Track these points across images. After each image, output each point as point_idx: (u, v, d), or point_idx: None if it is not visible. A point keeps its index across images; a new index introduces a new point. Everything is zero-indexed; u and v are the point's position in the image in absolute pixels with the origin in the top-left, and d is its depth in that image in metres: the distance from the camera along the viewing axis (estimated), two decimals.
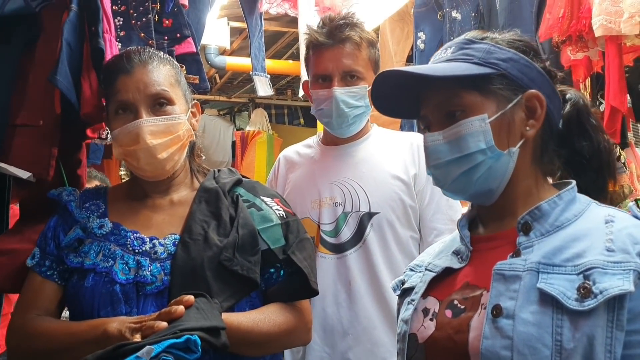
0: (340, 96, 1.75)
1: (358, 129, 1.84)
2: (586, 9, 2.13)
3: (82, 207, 1.38)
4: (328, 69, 1.77)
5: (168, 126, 1.32)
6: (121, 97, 1.32)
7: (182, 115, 1.35)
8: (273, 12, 2.79)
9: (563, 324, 0.88)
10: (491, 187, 1.02)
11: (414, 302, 1.08)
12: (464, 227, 1.09)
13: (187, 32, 1.86)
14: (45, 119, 1.48)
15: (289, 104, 7.94)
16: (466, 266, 1.05)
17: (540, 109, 1.02)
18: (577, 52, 2.25)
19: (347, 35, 1.76)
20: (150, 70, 1.34)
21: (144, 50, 1.39)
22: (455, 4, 3.02)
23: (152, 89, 1.32)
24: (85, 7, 1.47)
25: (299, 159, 1.95)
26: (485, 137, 0.99)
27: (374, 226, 1.75)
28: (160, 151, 1.31)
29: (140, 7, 1.76)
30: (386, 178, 1.79)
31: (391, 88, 1.08)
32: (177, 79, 1.39)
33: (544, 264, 0.93)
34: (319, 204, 1.80)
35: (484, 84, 1.01)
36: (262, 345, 1.29)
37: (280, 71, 5.96)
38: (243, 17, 3.69)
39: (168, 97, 1.34)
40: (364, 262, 1.75)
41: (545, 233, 0.97)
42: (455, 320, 0.99)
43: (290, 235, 1.38)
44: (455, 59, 1.04)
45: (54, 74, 1.37)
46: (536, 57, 1.05)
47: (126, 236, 1.32)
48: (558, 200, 0.99)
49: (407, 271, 1.19)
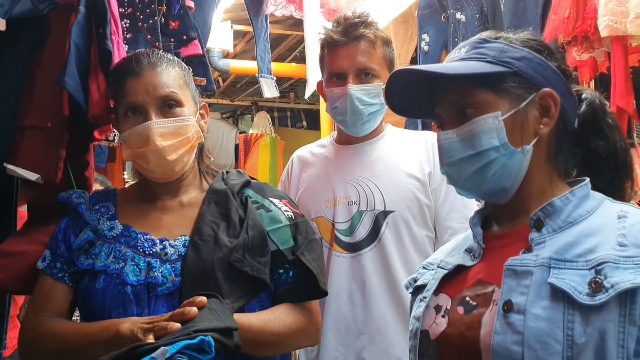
0: (354, 93, 1.75)
1: (372, 127, 1.83)
2: (592, 10, 2.13)
3: (92, 210, 1.38)
4: (343, 66, 1.77)
5: (177, 128, 1.33)
6: (130, 99, 1.33)
7: (191, 117, 1.36)
8: (278, 14, 2.79)
9: (574, 319, 0.88)
10: (505, 185, 1.02)
11: (425, 299, 1.09)
12: (476, 225, 1.09)
13: (193, 34, 1.87)
14: (53, 121, 1.49)
15: (291, 106, 7.95)
16: (478, 263, 1.05)
17: (554, 107, 1.02)
18: (583, 53, 2.25)
19: (361, 33, 1.76)
20: (159, 72, 1.34)
21: (152, 52, 1.40)
22: (459, 6, 3.02)
23: (161, 91, 1.32)
24: (93, 9, 1.48)
25: (313, 158, 1.94)
26: (498, 135, 1.00)
27: (389, 225, 1.74)
28: (170, 153, 1.32)
29: (147, 10, 1.76)
30: (401, 176, 1.78)
31: (405, 87, 1.08)
32: (185, 81, 1.40)
33: (556, 259, 0.93)
34: (333, 203, 1.79)
35: (498, 83, 1.01)
36: (273, 345, 1.28)
37: (283, 74, 5.96)
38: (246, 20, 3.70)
39: (177, 99, 1.34)
40: (379, 261, 1.74)
41: (558, 229, 0.97)
42: (467, 317, 0.99)
43: (299, 236, 1.38)
44: (469, 57, 1.04)
45: (62, 76, 1.37)
46: (550, 56, 1.05)
47: (137, 238, 1.32)
48: (571, 197, 1.00)
49: (419, 269, 1.19)
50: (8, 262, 1.49)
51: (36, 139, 1.49)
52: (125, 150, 1.36)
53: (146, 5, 1.75)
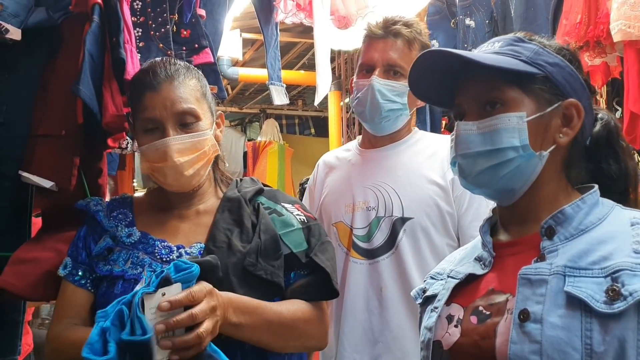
0: (377, 85, 1.73)
1: (392, 127, 1.80)
2: (604, 14, 2.13)
3: (110, 217, 1.39)
4: (373, 58, 1.76)
5: (195, 143, 1.33)
6: (148, 114, 1.33)
7: (208, 131, 1.36)
8: (289, 21, 2.79)
9: (592, 327, 0.87)
10: (514, 187, 1.02)
11: (437, 309, 1.08)
12: (486, 233, 1.08)
13: (205, 42, 1.88)
14: (67, 129, 1.50)
15: (300, 114, 7.98)
16: (489, 272, 1.04)
17: (578, 118, 1.01)
18: (595, 58, 2.25)
19: (399, 30, 1.75)
20: (177, 86, 1.34)
21: (170, 63, 1.39)
22: (469, 12, 3.03)
23: (179, 106, 1.32)
24: (107, 18, 1.49)
25: (337, 162, 1.93)
26: (520, 135, 0.99)
27: (407, 232, 1.71)
28: (187, 168, 1.33)
29: (159, 18, 1.77)
30: (422, 182, 1.75)
31: (428, 72, 1.07)
32: (203, 92, 1.39)
33: (570, 268, 0.92)
34: (352, 208, 1.78)
35: (527, 83, 1.00)
36: (278, 333, 1.26)
37: (291, 81, 5.99)
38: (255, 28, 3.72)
39: (195, 114, 1.34)
40: (396, 269, 1.71)
41: (570, 237, 0.96)
42: (481, 326, 0.98)
43: (312, 238, 1.38)
44: (504, 52, 1.03)
45: (77, 84, 1.38)
46: (579, 70, 1.05)
47: (154, 245, 1.33)
48: (581, 204, 0.99)
49: (427, 279, 1.18)
50: (22, 268, 1.50)
51: (50, 147, 1.51)
52: (144, 163, 1.37)
53: (158, 14, 1.76)
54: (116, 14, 1.48)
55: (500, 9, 2.90)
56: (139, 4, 1.73)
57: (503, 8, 2.88)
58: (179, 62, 1.41)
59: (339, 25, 2.86)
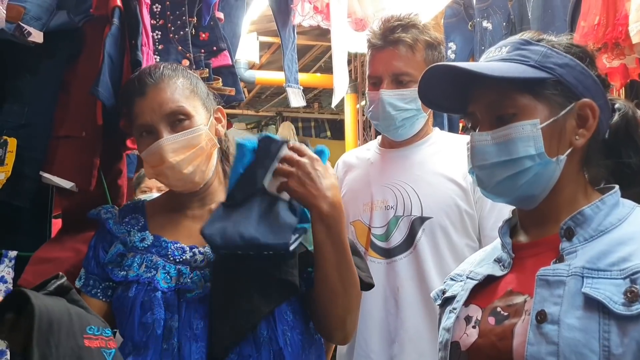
0: (387, 98, 1.73)
1: (410, 132, 1.80)
2: (622, 16, 2.11)
3: (122, 222, 1.40)
4: (378, 71, 1.76)
5: (189, 140, 1.33)
6: (140, 121, 1.35)
7: (202, 126, 1.36)
8: (306, 24, 2.81)
9: (610, 329, 0.86)
10: (534, 193, 1.01)
11: (455, 310, 1.08)
12: (505, 235, 1.08)
13: (223, 45, 1.89)
14: (87, 131, 1.52)
15: (316, 116, 7.99)
16: (508, 273, 1.04)
17: (593, 119, 1.00)
18: (613, 60, 2.23)
19: (398, 37, 1.73)
20: (163, 88, 1.34)
21: (154, 67, 1.40)
22: (486, 14, 3.02)
23: (166, 107, 1.33)
24: (126, 21, 1.51)
25: (357, 162, 1.93)
26: (535, 143, 0.98)
27: (426, 231, 1.71)
28: (185, 166, 1.33)
29: (178, 21, 1.79)
30: (441, 182, 1.74)
31: (439, 81, 1.07)
32: (192, 89, 1.39)
33: (589, 269, 0.91)
34: (370, 207, 1.78)
35: (539, 88, 0.99)
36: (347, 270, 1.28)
37: (307, 84, 6.00)
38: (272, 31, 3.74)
39: (185, 112, 1.34)
40: (414, 268, 1.71)
41: (589, 238, 0.96)
42: (499, 327, 0.98)
43: None
44: (511, 59, 1.02)
45: (96, 86, 1.40)
46: (591, 65, 1.03)
47: (167, 247, 1.34)
48: (601, 205, 0.98)
49: (447, 280, 1.18)
50: (42, 268, 1.52)
51: (71, 148, 1.53)
52: (147, 169, 1.39)
53: (177, 17, 1.77)
54: (135, 17, 1.50)
55: (518, 11, 2.89)
56: (159, 7, 1.75)
57: (520, 10, 2.87)
58: (163, 65, 1.41)
59: (356, 28, 2.86)
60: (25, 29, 1.42)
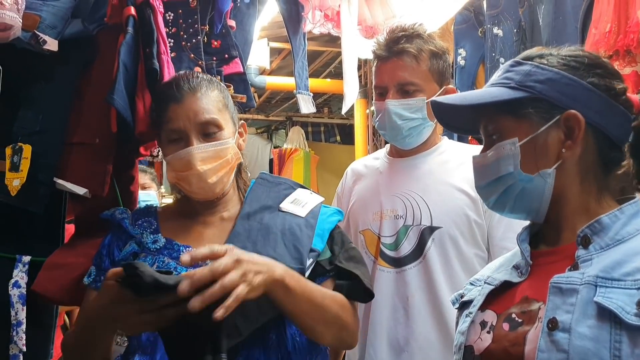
0: (393, 108, 1.74)
1: (417, 141, 1.81)
2: (634, 23, 2.10)
3: (135, 224, 1.42)
4: (383, 81, 1.77)
5: (217, 151, 1.36)
6: (172, 125, 1.37)
7: (230, 140, 1.39)
8: (316, 32, 2.82)
9: (622, 339, 0.86)
10: (532, 207, 1.04)
11: (471, 314, 1.08)
12: (523, 242, 1.08)
13: (234, 52, 1.91)
14: (101, 137, 1.54)
15: (325, 121, 8.01)
16: (525, 280, 1.04)
17: (578, 129, 1.00)
18: (625, 67, 2.22)
19: (402, 47, 1.74)
20: (199, 97, 1.37)
21: (192, 76, 1.43)
22: (496, 21, 3.01)
23: (201, 117, 1.36)
24: (140, 29, 1.52)
25: (366, 170, 1.94)
26: (514, 161, 1.01)
27: (436, 241, 1.71)
28: (211, 176, 1.36)
29: (190, 29, 1.80)
30: (451, 192, 1.74)
31: (449, 108, 1.12)
32: (225, 102, 1.42)
33: (602, 278, 0.91)
34: (380, 216, 1.78)
35: (518, 108, 1.02)
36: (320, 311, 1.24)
37: (317, 89, 6.02)
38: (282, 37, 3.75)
39: (217, 124, 1.37)
40: (424, 278, 1.70)
41: (605, 247, 0.95)
42: (512, 333, 0.98)
43: (335, 246, 1.39)
44: (497, 83, 1.06)
45: (111, 94, 1.42)
46: (588, 72, 1.02)
47: (179, 250, 1.35)
48: (619, 214, 0.98)
49: (467, 285, 1.19)
50: (55, 273, 1.54)
51: (84, 155, 1.54)
52: (170, 173, 1.40)
53: (189, 25, 1.79)
54: (150, 25, 1.52)
55: (529, 18, 2.89)
56: (171, 15, 1.76)
57: (531, 17, 2.87)
58: (201, 75, 1.44)
59: (366, 35, 2.87)
60: (40, 37, 1.44)
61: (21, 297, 1.57)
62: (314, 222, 1.37)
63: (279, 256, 1.26)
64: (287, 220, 1.36)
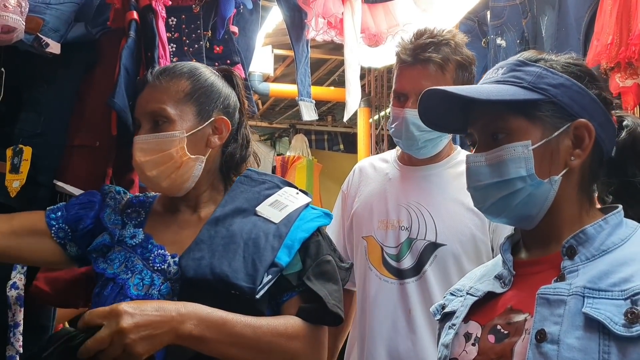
0: (411, 118, 1.66)
1: (431, 152, 1.75)
2: (636, 36, 2.10)
3: (124, 212, 1.38)
4: (405, 88, 1.70)
5: (158, 143, 1.30)
6: (135, 112, 1.36)
7: (177, 132, 1.30)
8: (319, 39, 2.82)
9: (610, 350, 0.85)
10: (530, 213, 1.01)
11: (454, 326, 1.07)
12: (506, 251, 1.07)
13: (237, 58, 1.92)
14: (101, 140, 1.55)
15: (329, 129, 8.01)
16: (509, 291, 1.03)
17: (588, 139, 0.99)
18: (627, 79, 2.22)
19: (428, 56, 1.66)
20: (156, 87, 1.33)
21: (166, 67, 1.39)
22: (500, 31, 3.02)
23: (149, 106, 1.32)
24: (143, 34, 1.53)
25: (374, 172, 1.88)
26: (526, 164, 0.98)
27: (437, 258, 1.67)
28: (150, 169, 1.30)
29: (193, 35, 1.82)
30: (459, 210, 1.68)
31: (437, 103, 1.07)
32: (189, 93, 1.33)
33: (590, 289, 0.90)
34: (385, 225, 1.74)
35: (532, 110, 0.99)
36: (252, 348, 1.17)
37: (321, 97, 6.02)
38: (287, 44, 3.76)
39: (165, 115, 1.30)
40: (423, 293, 1.67)
41: (591, 257, 0.95)
42: (499, 346, 0.97)
43: (308, 259, 1.27)
44: (505, 80, 1.02)
45: (112, 97, 1.42)
46: (591, 83, 1.02)
47: (152, 250, 1.30)
48: (604, 224, 0.97)
49: (447, 295, 1.17)
50: (54, 275, 1.55)
51: (84, 157, 1.56)
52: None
53: (192, 31, 1.80)
54: (152, 30, 1.53)
55: (532, 28, 2.89)
56: (174, 20, 1.78)
57: (534, 28, 2.87)
58: (178, 65, 1.38)
59: (369, 43, 2.87)
60: (43, 40, 1.45)
61: (19, 299, 1.58)
62: (284, 231, 1.27)
63: (233, 272, 1.19)
64: (257, 228, 1.27)
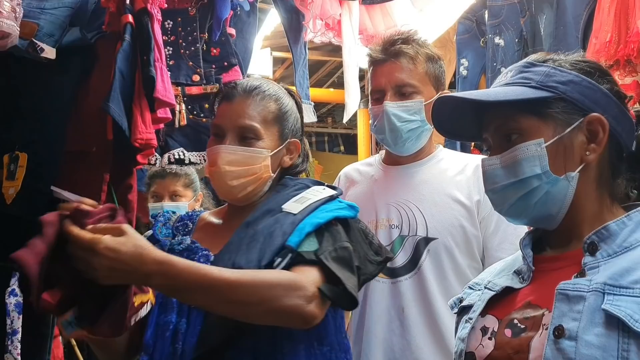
0: (391, 110, 1.69)
1: (416, 146, 1.76)
2: (634, 33, 2.09)
3: (174, 226, 1.43)
4: (381, 83, 1.73)
5: (246, 157, 1.36)
6: (217, 121, 1.40)
7: (265, 151, 1.37)
8: (317, 41, 2.82)
9: (630, 348, 0.84)
10: (551, 212, 1.00)
11: (471, 320, 1.06)
12: (526, 247, 1.06)
13: (234, 60, 1.91)
14: (97, 146, 1.54)
15: (329, 131, 8.01)
16: (527, 286, 1.02)
17: (603, 133, 0.98)
18: (626, 77, 2.20)
19: (399, 49, 1.71)
20: (249, 103, 1.38)
21: (255, 81, 1.43)
22: (498, 31, 3.01)
23: (240, 120, 1.36)
24: (138, 37, 1.52)
25: (359, 177, 1.89)
26: (540, 162, 0.97)
27: (431, 252, 1.67)
28: (231, 178, 1.35)
29: (189, 37, 1.81)
30: (447, 202, 1.70)
31: (452, 110, 1.07)
32: (276, 116, 1.40)
33: (610, 285, 0.89)
34: (375, 225, 1.74)
35: (542, 108, 0.99)
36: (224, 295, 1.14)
37: (321, 99, 6.02)
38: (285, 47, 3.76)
39: (255, 131, 1.36)
40: (418, 289, 1.67)
41: (613, 254, 0.93)
42: (515, 340, 0.96)
43: (325, 242, 1.27)
44: (514, 82, 1.02)
45: (107, 101, 1.42)
46: (602, 78, 1.01)
47: (197, 252, 1.34)
48: (627, 221, 0.96)
49: (465, 289, 1.16)
50: None
51: (81, 163, 1.55)
52: (206, 166, 1.43)
53: (188, 33, 1.80)
54: (147, 33, 1.52)
55: (530, 27, 2.88)
56: (170, 23, 1.77)
57: (532, 27, 2.86)
58: (268, 85, 1.42)
59: (367, 44, 2.87)
60: (38, 45, 1.45)
61: (17, 306, 1.57)
62: (300, 218, 1.29)
63: (247, 263, 1.20)
64: (277, 221, 1.31)
